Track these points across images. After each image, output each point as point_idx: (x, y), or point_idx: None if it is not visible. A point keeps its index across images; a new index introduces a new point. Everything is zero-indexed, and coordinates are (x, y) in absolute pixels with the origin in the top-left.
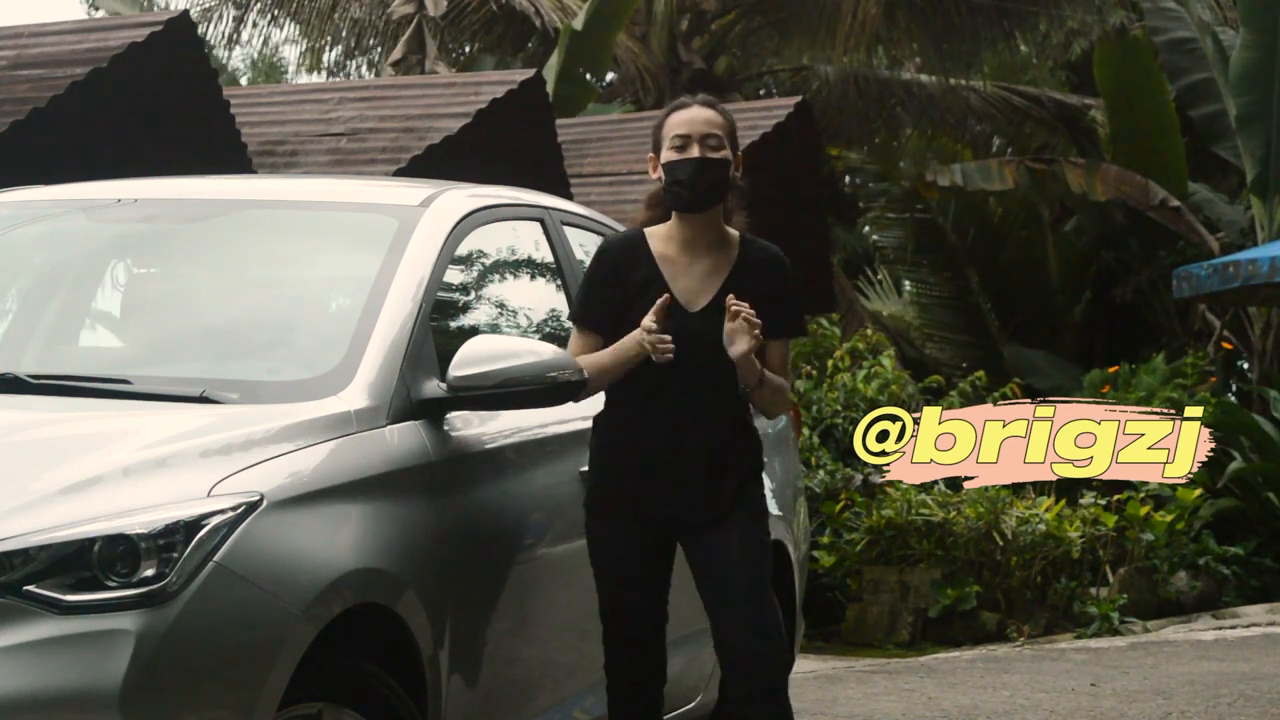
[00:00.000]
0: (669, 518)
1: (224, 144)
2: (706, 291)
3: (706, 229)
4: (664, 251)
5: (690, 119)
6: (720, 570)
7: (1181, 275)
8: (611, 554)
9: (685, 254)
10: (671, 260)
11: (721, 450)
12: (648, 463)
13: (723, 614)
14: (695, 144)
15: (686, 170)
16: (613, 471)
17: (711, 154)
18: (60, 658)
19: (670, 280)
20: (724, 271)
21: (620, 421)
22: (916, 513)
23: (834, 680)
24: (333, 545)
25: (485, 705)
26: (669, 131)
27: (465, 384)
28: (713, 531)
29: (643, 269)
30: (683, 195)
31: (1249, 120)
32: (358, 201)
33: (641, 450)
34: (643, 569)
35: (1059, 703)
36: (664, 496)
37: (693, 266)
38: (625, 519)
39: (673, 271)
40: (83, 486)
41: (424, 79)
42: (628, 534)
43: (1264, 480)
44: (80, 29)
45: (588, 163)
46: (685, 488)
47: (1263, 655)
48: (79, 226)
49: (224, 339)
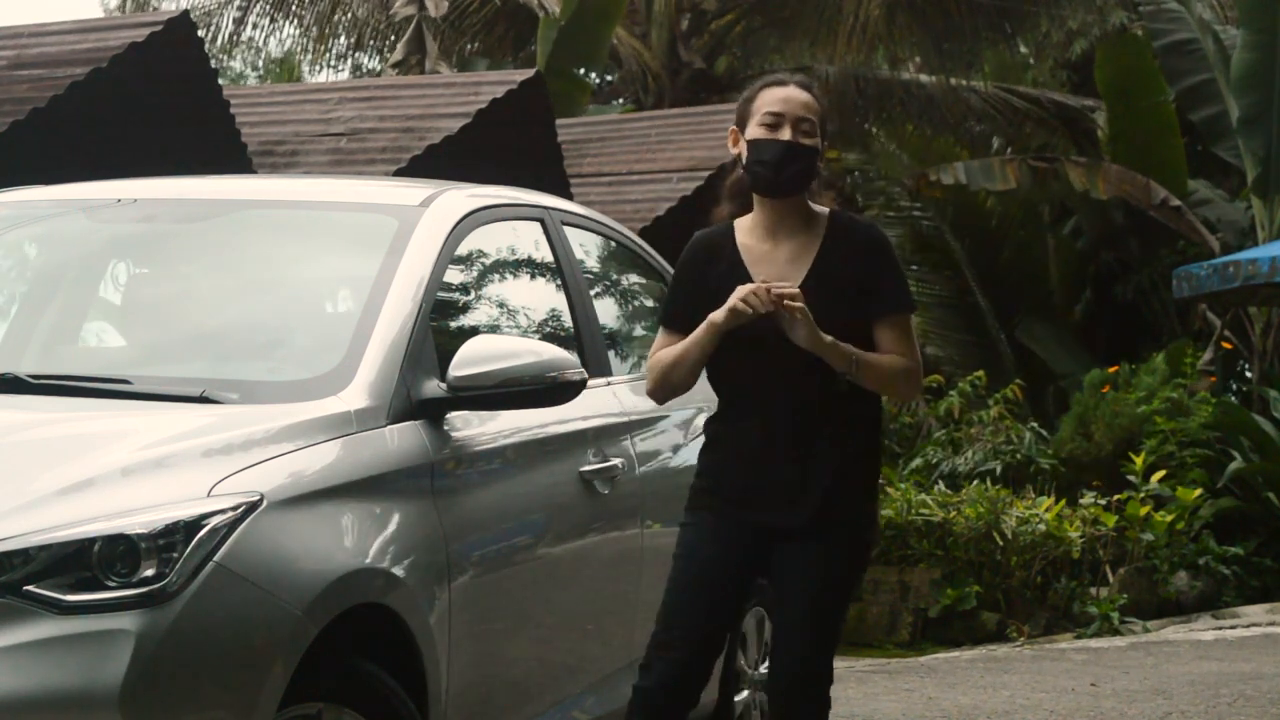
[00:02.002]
0: (760, 522)
1: (224, 144)
2: (793, 278)
3: (790, 214)
4: (747, 241)
5: (787, 98)
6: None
7: (1181, 275)
8: (693, 552)
9: (768, 240)
10: (754, 248)
11: (813, 447)
12: (741, 461)
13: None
14: (788, 125)
15: (774, 151)
16: (710, 470)
17: (804, 139)
18: (60, 658)
19: (753, 269)
20: (811, 253)
21: (720, 420)
22: (916, 513)
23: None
24: (333, 545)
25: (485, 705)
26: (761, 106)
27: (465, 384)
28: (803, 547)
29: (726, 262)
30: (764, 176)
31: (1250, 121)
32: (358, 201)
33: (735, 448)
34: (722, 572)
35: (1059, 703)
36: (755, 497)
37: (776, 252)
38: (717, 522)
39: (756, 260)
40: (83, 486)
41: (424, 79)
42: (716, 534)
43: (1264, 480)
44: (80, 29)
45: (588, 163)
46: (776, 487)
47: (1263, 655)
48: (79, 226)
49: (224, 339)
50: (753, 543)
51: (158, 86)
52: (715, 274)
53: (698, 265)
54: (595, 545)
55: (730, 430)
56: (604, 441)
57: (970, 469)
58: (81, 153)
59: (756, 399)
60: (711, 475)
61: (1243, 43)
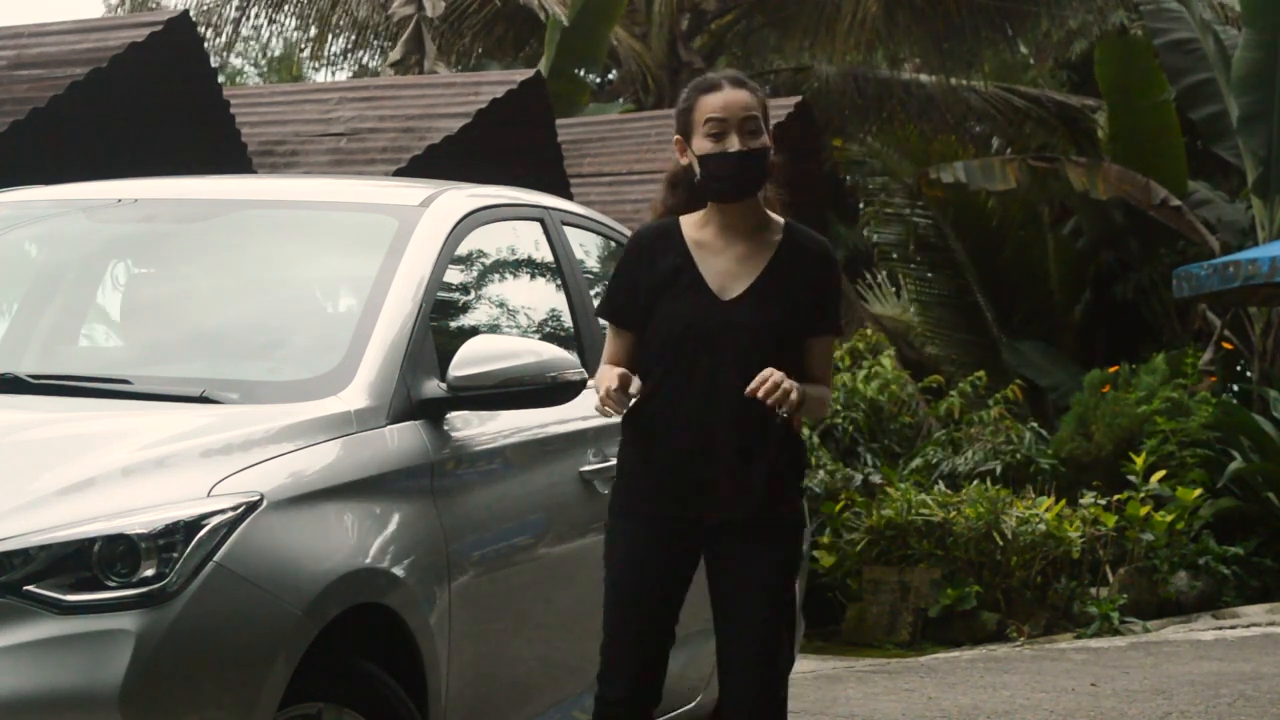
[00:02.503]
0: (697, 521)
1: (224, 144)
2: (743, 278)
3: (745, 214)
4: (697, 237)
5: (725, 104)
6: (737, 599)
7: (1181, 275)
8: (629, 560)
9: (720, 239)
10: (705, 245)
11: (753, 446)
12: (677, 458)
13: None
14: (734, 132)
15: (729, 166)
16: (641, 469)
17: (752, 141)
18: (60, 658)
19: (702, 267)
20: (763, 258)
21: (650, 416)
22: (916, 513)
23: (834, 680)
24: (333, 545)
25: (485, 705)
26: (702, 115)
27: (465, 384)
28: (741, 548)
29: (674, 256)
30: (723, 190)
31: (1250, 120)
32: (358, 201)
33: (671, 445)
34: (660, 579)
35: (1059, 703)
36: (692, 495)
37: (727, 252)
38: (651, 521)
39: (706, 257)
40: (83, 486)
41: (424, 79)
42: (649, 538)
43: (1264, 480)
44: (80, 29)
45: (588, 163)
46: (714, 486)
47: (1263, 655)
48: (79, 226)
49: (224, 339)
50: (689, 541)
51: (158, 86)
52: (663, 268)
53: (644, 260)
54: (595, 545)
55: (666, 425)
56: (604, 441)
57: (970, 469)
58: (81, 153)
59: (700, 394)
60: (643, 473)
61: (1244, 42)
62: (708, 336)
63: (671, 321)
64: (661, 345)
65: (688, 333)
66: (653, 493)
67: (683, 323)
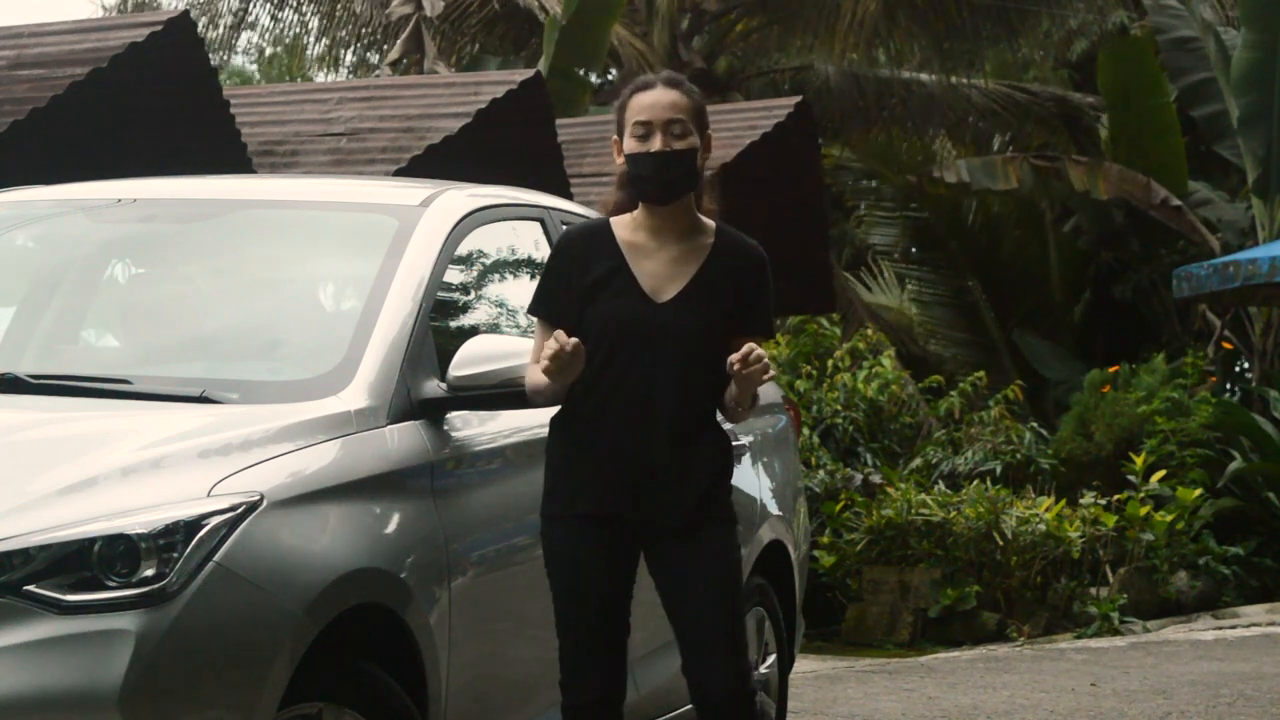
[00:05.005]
0: (634, 521)
1: (224, 144)
2: (676, 280)
3: (676, 217)
4: (631, 239)
5: (652, 104)
6: (691, 597)
7: (1181, 275)
8: (574, 562)
9: (653, 241)
10: (638, 247)
11: (690, 448)
12: (612, 460)
13: (695, 649)
14: (658, 132)
15: (649, 165)
16: (575, 472)
17: (677, 143)
18: (60, 658)
19: (636, 268)
20: (696, 261)
21: (583, 418)
22: (916, 513)
23: (834, 680)
24: (333, 545)
25: (485, 705)
26: (630, 116)
27: (465, 384)
28: (682, 548)
29: (607, 258)
30: (647, 190)
31: (1250, 121)
32: (358, 201)
33: (605, 447)
34: (608, 578)
35: (1059, 703)
36: (629, 497)
37: (660, 254)
38: (588, 523)
39: (638, 259)
40: (83, 486)
41: (424, 79)
42: (591, 540)
43: (1264, 480)
44: (80, 29)
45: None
46: (651, 487)
47: (1263, 655)
48: (79, 226)
49: (224, 339)
50: (627, 539)
51: (158, 86)
52: (597, 269)
53: (575, 259)
54: None
55: (601, 427)
56: None
57: (970, 469)
58: (81, 153)
59: (635, 396)
60: (578, 473)
61: (1244, 42)
62: (642, 338)
63: (605, 322)
64: (594, 346)
65: (622, 333)
66: (589, 493)
67: (616, 323)
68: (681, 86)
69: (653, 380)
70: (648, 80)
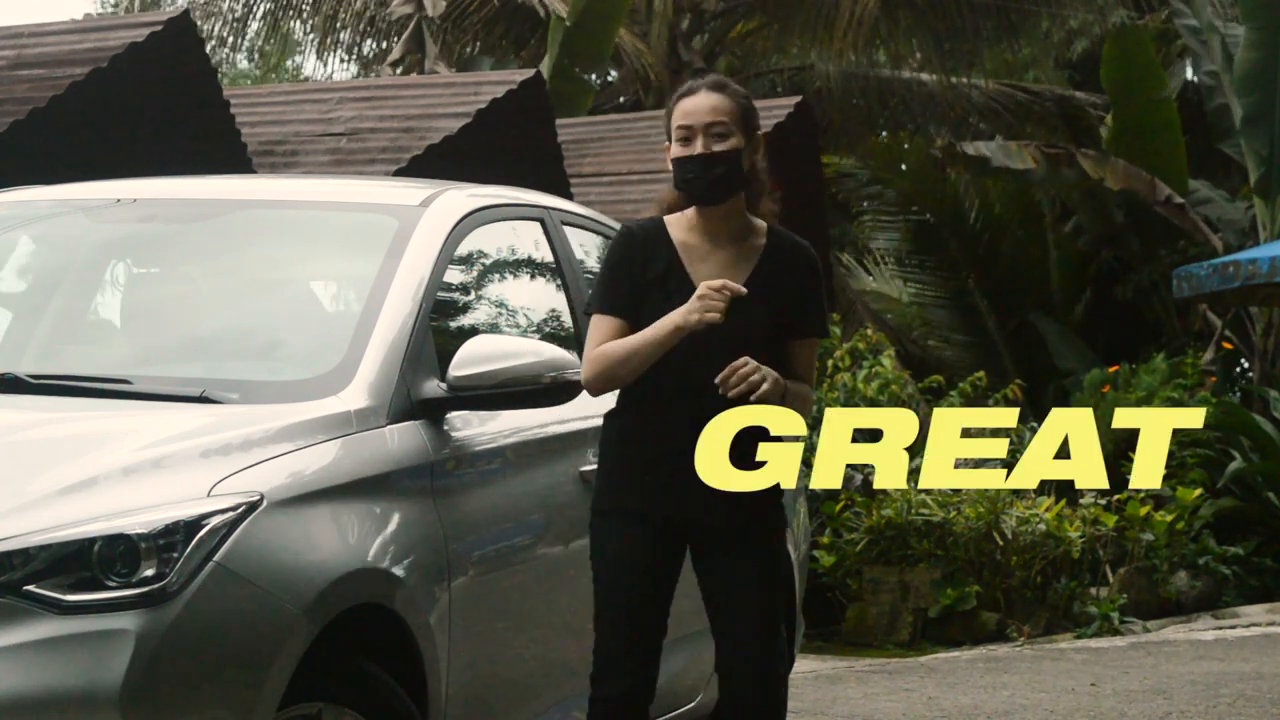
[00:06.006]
0: (685, 521)
1: (224, 144)
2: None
3: (728, 219)
4: (685, 240)
5: (693, 108)
6: (737, 600)
7: (1181, 275)
8: (619, 559)
9: (706, 243)
10: (693, 249)
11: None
12: (665, 461)
13: (733, 652)
14: (699, 136)
15: (690, 169)
16: (627, 469)
17: (717, 144)
18: (60, 658)
19: (691, 270)
20: (749, 262)
21: (638, 417)
22: (916, 513)
23: (834, 680)
24: (333, 545)
25: (485, 705)
26: (674, 122)
27: (465, 384)
28: (731, 549)
29: (662, 258)
30: (690, 193)
31: (1253, 120)
32: (358, 201)
33: (659, 447)
34: (651, 574)
35: (1059, 703)
36: (681, 498)
37: (714, 255)
38: (636, 520)
39: (693, 261)
40: (83, 486)
41: (424, 79)
42: (638, 536)
43: (1264, 480)
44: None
45: (588, 163)
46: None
47: (1263, 655)
48: (79, 226)
49: (224, 339)
50: (675, 540)
51: (158, 86)
52: (652, 269)
53: (635, 256)
54: None
55: (656, 427)
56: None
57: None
58: (81, 153)
59: (685, 394)
60: (630, 472)
61: (1245, 41)
62: (696, 339)
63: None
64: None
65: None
66: (639, 492)
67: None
68: (725, 90)
69: (707, 384)
70: (693, 85)
